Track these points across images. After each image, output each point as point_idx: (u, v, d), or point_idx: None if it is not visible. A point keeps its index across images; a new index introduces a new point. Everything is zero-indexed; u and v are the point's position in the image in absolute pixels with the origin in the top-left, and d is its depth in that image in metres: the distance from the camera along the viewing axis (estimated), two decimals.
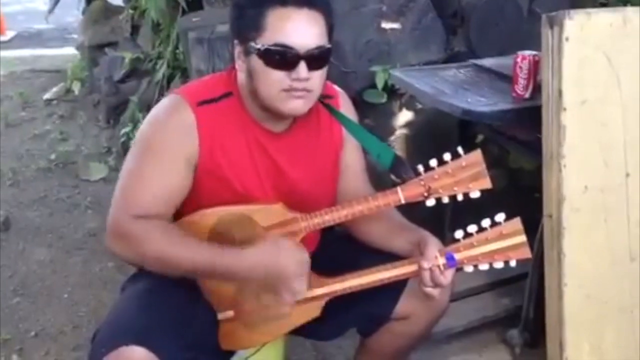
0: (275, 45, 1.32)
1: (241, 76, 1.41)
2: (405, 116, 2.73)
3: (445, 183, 1.40)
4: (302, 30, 1.32)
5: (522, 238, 1.41)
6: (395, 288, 1.48)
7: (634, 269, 1.71)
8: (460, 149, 1.40)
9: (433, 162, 1.40)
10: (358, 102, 2.60)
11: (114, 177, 3.58)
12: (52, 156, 3.83)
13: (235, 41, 1.39)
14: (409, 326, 1.54)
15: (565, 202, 1.62)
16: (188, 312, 1.36)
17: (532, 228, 1.79)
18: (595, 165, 1.65)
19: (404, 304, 1.51)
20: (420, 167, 1.40)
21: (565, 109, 1.58)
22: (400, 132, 2.72)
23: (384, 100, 2.66)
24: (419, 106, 2.67)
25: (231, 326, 1.45)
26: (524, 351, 2.06)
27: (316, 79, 1.36)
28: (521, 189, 2.53)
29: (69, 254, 2.84)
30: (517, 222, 1.41)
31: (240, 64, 1.39)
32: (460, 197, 1.41)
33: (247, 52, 1.36)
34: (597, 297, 1.69)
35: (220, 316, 1.44)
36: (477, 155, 1.41)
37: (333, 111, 1.52)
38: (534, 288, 1.94)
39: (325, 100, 1.51)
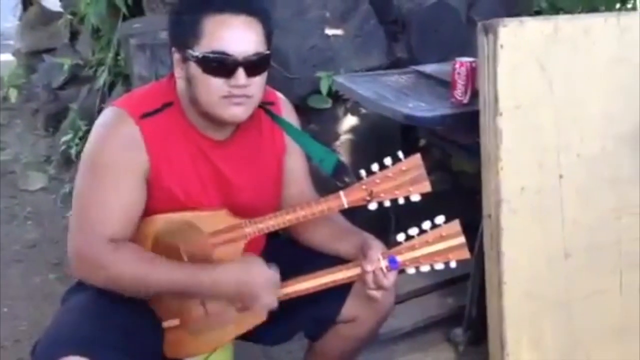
0: (213, 52, 1.32)
1: (180, 83, 1.40)
2: (349, 121, 2.77)
3: (386, 187, 1.43)
4: (239, 36, 1.33)
5: (461, 240, 1.45)
6: (340, 291, 1.50)
7: (568, 265, 1.78)
8: (400, 153, 1.43)
9: (375, 167, 1.43)
10: (303, 108, 2.62)
11: (54, 187, 3.51)
12: None
13: (173, 48, 1.39)
14: (355, 328, 1.56)
15: (503, 203, 1.67)
16: (132, 321, 1.34)
17: (474, 228, 1.85)
18: (531, 167, 1.71)
19: (350, 307, 1.53)
20: (362, 172, 1.43)
21: (501, 114, 1.64)
22: (345, 137, 2.75)
23: (328, 105, 2.70)
24: (364, 111, 2.71)
25: (177, 334, 1.44)
26: (467, 349, 2.10)
27: (255, 85, 1.37)
28: (463, 191, 2.59)
29: (7, 266, 2.76)
30: (455, 224, 1.45)
31: (179, 71, 1.39)
32: (401, 201, 1.44)
33: (185, 59, 1.36)
34: (535, 294, 1.75)
35: (165, 324, 1.43)
36: (416, 159, 1.44)
37: (275, 117, 1.53)
38: (476, 287, 1.99)
39: (266, 107, 1.51)
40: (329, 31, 2.74)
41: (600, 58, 1.75)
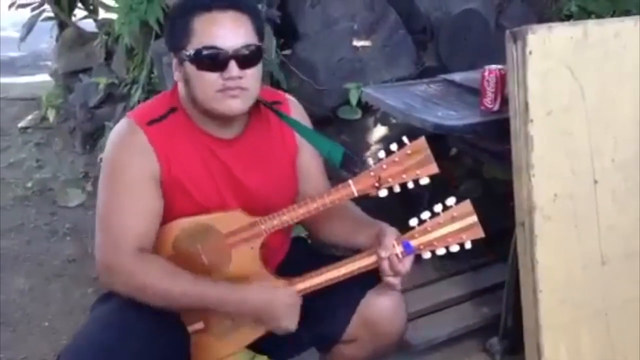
0: (204, 48, 1.36)
1: (181, 86, 1.46)
2: (380, 131, 2.77)
3: (393, 172, 1.44)
4: (228, 31, 1.37)
5: (474, 219, 1.45)
6: (346, 311, 1.52)
7: (605, 272, 1.75)
8: (405, 138, 1.45)
9: (381, 154, 1.45)
10: (333, 119, 2.64)
11: (92, 203, 3.56)
12: (29, 184, 3.80)
13: (171, 53, 1.45)
14: (355, 350, 1.56)
15: (536, 211, 1.66)
16: (156, 327, 1.36)
17: (508, 236, 1.83)
18: (564, 173, 1.69)
19: (352, 327, 1.53)
20: (370, 160, 1.44)
21: (532, 120, 1.63)
22: (376, 147, 2.75)
23: (358, 116, 2.71)
24: (394, 121, 2.71)
25: (202, 338, 1.47)
26: (504, 358, 2.08)
27: (250, 77, 1.40)
28: (496, 198, 2.57)
29: (48, 282, 2.82)
30: (467, 204, 1.45)
31: (177, 75, 1.44)
32: (411, 185, 1.45)
33: (181, 61, 1.41)
34: (571, 302, 1.73)
35: (190, 329, 1.46)
36: (421, 142, 1.45)
37: (281, 116, 1.55)
38: (511, 296, 1.97)
39: (273, 106, 1.54)
40: (357, 42, 2.76)
41: (632, 62, 1.73)
